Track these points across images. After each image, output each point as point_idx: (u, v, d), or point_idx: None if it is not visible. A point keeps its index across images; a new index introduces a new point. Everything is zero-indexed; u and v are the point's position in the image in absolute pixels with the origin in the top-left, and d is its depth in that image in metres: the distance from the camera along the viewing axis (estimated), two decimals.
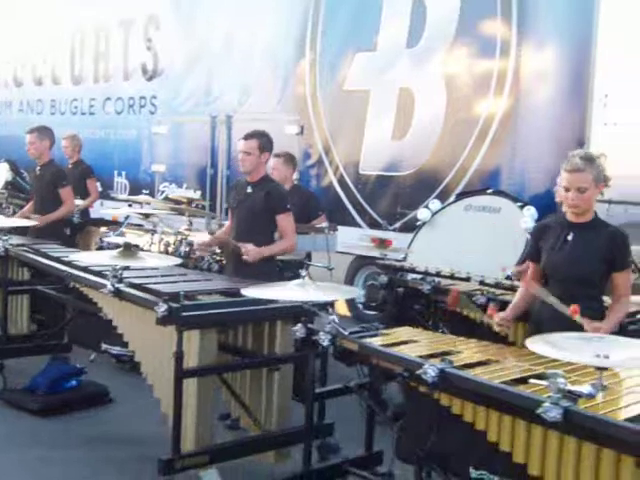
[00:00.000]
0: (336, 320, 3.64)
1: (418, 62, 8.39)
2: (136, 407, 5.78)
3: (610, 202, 6.38)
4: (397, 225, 8.63)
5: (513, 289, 5.07)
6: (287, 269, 6.25)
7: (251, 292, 3.75)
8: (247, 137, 5.40)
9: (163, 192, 11.05)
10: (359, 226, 8.96)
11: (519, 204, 7.09)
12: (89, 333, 5.79)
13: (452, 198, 7.79)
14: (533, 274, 4.08)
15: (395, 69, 8.59)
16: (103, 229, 8.55)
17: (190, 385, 4.13)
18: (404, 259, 7.12)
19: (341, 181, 9.16)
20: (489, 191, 7.46)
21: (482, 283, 5.30)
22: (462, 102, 8.05)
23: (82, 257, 4.77)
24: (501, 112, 7.69)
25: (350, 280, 9.14)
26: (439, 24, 8.21)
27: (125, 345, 5.12)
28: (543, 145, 7.36)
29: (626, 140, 6.67)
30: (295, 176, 7.55)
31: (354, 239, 8.78)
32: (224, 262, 6.10)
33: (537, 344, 2.94)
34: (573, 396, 2.75)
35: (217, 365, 4.25)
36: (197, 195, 10.66)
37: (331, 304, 3.69)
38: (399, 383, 3.41)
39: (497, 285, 5.23)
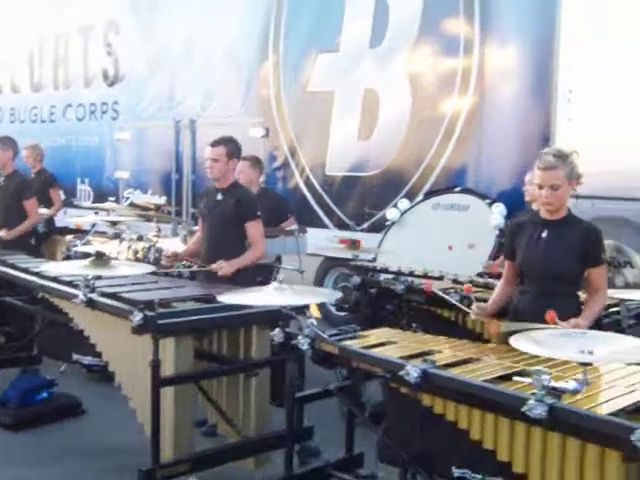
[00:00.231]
0: (314, 323, 3.62)
1: (382, 62, 8.39)
2: (110, 417, 5.71)
3: (577, 197, 6.42)
4: (365, 225, 8.63)
5: (487, 287, 5.09)
6: (257, 273, 6.20)
7: (228, 298, 3.70)
8: (214, 144, 5.36)
9: (128, 198, 10.94)
10: (327, 227, 8.94)
11: (487, 201, 7.12)
12: (59, 344, 5.70)
13: (420, 197, 7.80)
14: (509, 272, 4.08)
15: (359, 69, 8.59)
16: (69, 238, 8.42)
17: (167, 393, 4.08)
18: (374, 259, 7.11)
19: (308, 183, 9.14)
20: (457, 189, 7.49)
21: (455, 281, 5.30)
22: (427, 101, 8.06)
23: (52, 267, 4.68)
24: (466, 110, 7.71)
25: (319, 282, 9.14)
26: (402, 23, 8.22)
27: (97, 355, 5.06)
28: (509, 142, 7.40)
29: (591, 135, 6.70)
30: (261, 179, 7.52)
31: (322, 240, 8.79)
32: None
33: (520, 342, 2.95)
34: (557, 392, 2.75)
35: (195, 373, 4.21)
36: (162, 201, 10.57)
37: (308, 307, 3.67)
38: (381, 385, 3.38)
39: (471, 283, 5.21)
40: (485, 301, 4.46)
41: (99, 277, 4.36)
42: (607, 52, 6.71)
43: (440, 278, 5.43)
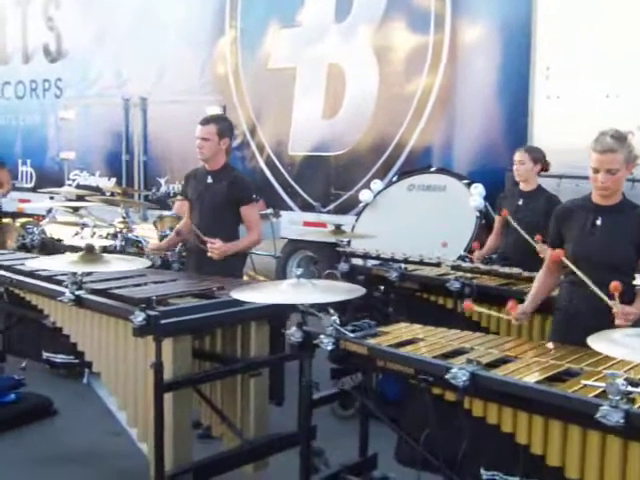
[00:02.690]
0: (337, 321, 3.34)
1: (347, 37, 8.12)
2: (83, 417, 5.40)
3: (561, 177, 6.28)
4: (331, 207, 8.38)
5: (490, 274, 4.88)
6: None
7: (242, 295, 3.38)
8: (204, 122, 4.98)
9: (74, 180, 10.47)
10: (290, 209, 8.66)
11: (465, 182, 6.91)
12: (27, 341, 5.31)
13: (394, 178, 7.56)
14: (553, 262, 3.81)
15: (323, 45, 8.31)
16: (19, 223, 7.94)
17: (165, 398, 3.75)
18: (348, 244, 6.86)
19: (269, 163, 8.85)
20: (432, 169, 7.27)
21: (454, 268, 5.07)
22: (396, 77, 7.83)
23: (37, 263, 4.26)
24: (438, 87, 7.52)
25: (283, 265, 8.82)
26: None
27: (71, 353, 4.73)
28: (485, 120, 7.23)
29: (571, 112, 6.55)
30: None
31: (285, 223, 8.52)
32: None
33: (599, 344, 2.72)
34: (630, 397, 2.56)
35: (198, 375, 3.90)
36: (112, 183, 10.14)
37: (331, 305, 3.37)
38: (421, 388, 3.12)
39: (472, 270, 5.00)
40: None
41: (89, 274, 3.98)
42: (585, 29, 6.53)
43: (437, 265, 5.19)
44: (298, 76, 8.50)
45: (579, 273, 3.52)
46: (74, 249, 6.01)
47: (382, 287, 5.48)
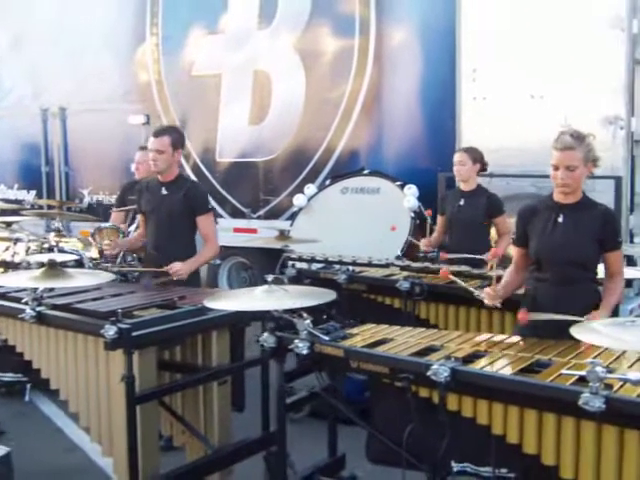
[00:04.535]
0: (311, 325, 3.39)
1: (272, 43, 8.16)
2: (32, 435, 5.29)
3: (492, 176, 6.46)
4: (261, 212, 8.41)
5: (439, 272, 5.00)
6: None
7: (216, 304, 3.40)
8: (157, 134, 4.93)
9: None
10: (220, 216, 8.64)
11: (399, 183, 7.04)
12: None
13: (327, 181, 7.63)
14: (520, 260, 3.95)
15: (248, 51, 8.32)
16: None
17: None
18: (287, 247, 6.89)
19: (196, 170, 8.81)
20: (365, 172, 7.38)
21: (403, 268, 5.17)
22: (323, 82, 7.92)
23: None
24: (365, 90, 7.63)
25: (214, 272, 8.80)
26: (292, 3, 8.01)
27: (20, 371, 4.64)
28: (412, 122, 7.37)
29: (497, 114, 6.76)
30: None
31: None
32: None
33: (583, 334, 2.85)
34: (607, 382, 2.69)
35: (170, 385, 3.89)
36: (31, 196, 9.93)
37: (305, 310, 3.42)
38: (403, 387, 3.19)
39: (422, 270, 5.12)
40: None
41: (51, 289, 3.91)
42: (510, 31, 6.74)
43: (386, 266, 5.29)
44: (223, 83, 8.50)
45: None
46: (7, 265, 5.89)
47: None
